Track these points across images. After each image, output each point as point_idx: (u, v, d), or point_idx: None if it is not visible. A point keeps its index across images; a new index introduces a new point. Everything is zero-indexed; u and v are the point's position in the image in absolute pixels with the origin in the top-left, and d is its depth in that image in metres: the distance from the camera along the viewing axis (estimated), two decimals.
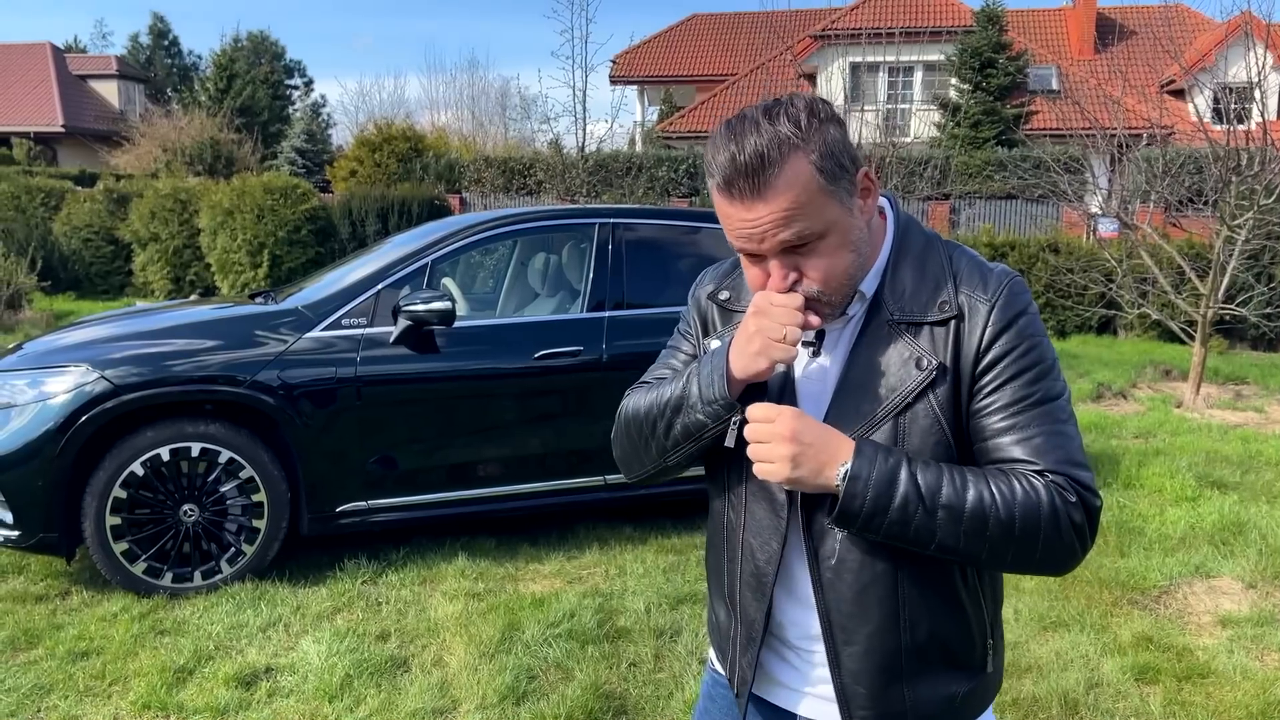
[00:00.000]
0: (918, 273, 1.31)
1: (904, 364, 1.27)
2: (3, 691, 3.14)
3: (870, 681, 1.32)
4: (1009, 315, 1.27)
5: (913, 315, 1.29)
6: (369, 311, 4.29)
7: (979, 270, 1.32)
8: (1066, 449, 1.25)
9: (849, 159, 1.25)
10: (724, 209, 1.25)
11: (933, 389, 1.26)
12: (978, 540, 1.21)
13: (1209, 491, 5.50)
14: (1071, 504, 1.22)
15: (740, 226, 1.23)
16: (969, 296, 1.28)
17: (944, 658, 1.34)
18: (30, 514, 3.79)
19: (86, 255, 14.81)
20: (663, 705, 3.16)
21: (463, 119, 36.21)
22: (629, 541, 4.69)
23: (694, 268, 4.97)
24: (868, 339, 1.30)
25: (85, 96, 32.82)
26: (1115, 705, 3.20)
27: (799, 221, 1.21)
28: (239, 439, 3.99)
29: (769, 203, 1.20)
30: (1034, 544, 1.22)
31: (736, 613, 1.42)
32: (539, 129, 20.45)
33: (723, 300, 1.46)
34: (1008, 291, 1.29)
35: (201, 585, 3.97)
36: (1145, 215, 10.44)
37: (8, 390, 3.93)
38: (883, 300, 1.31)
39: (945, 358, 1.27)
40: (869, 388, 1.28)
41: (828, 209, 1.22)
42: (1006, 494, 1.21)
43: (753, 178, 1.19)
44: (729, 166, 1.20)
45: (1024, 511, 1.20)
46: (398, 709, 3.09)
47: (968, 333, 1.27)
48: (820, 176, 1.21)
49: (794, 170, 1.20)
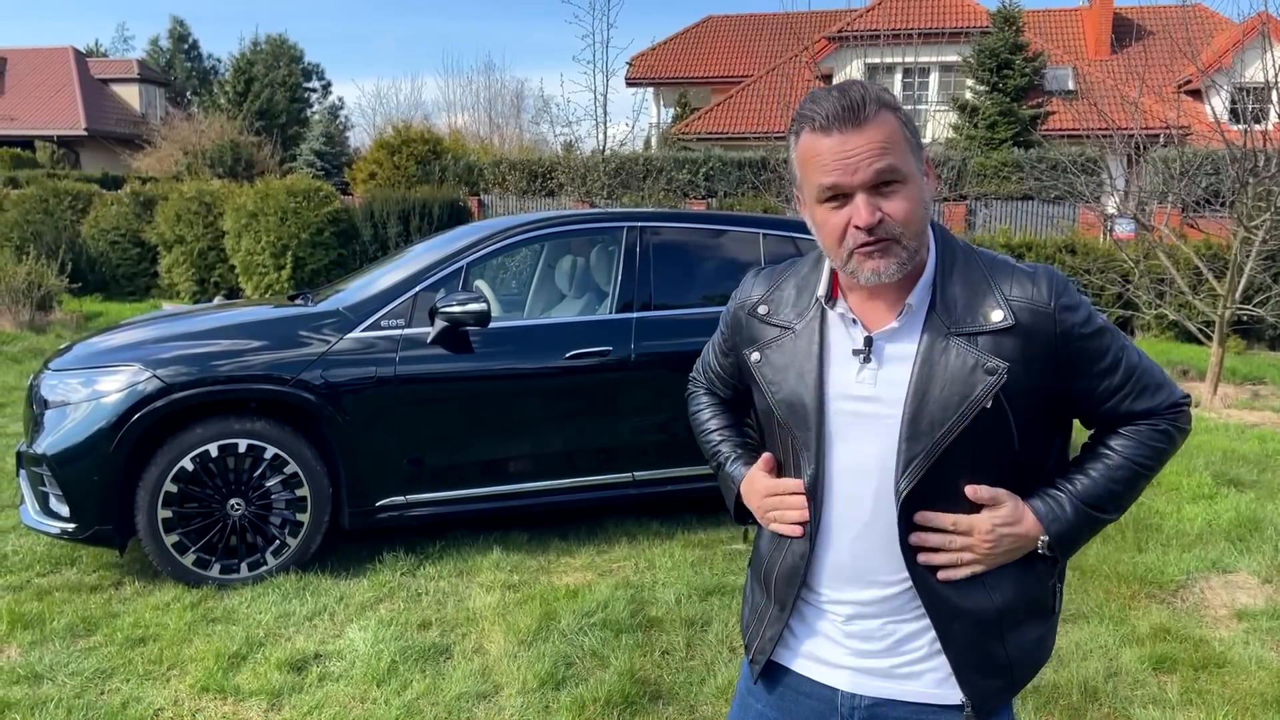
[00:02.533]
0: (966, 283, 1.44)
1: (971, 372, 1.38)
2: (67, 675, 3.30)
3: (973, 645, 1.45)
4: (1068, 305, 1.43)
5: (969, 325, 1.40)
6: (407, 313, 4.44)
7: (1021, 274, 1.45)
8: (1158, 380, 1.50)
9: (920, 138, 1.42)
10: (819, 146, 1.37)
11: (1005, 393, 1.39)
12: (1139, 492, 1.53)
13: (1226, 489, 5.58)
14: (1181, 427, 1.52)
15: (837, 159, 1.35)
16: (1026, 302, 1.41)
17: (1027, 609, 1.49)
18: (86, 507, 3.96)
19: (114, 257, 15.06)
20: (695, 691, 3.29)
21: (479, 120, 36.46)
22: (657, 536, 4.82)
23: (719, 269, 5.11)
24: (932, 353, 1.40)
25: (107, 100, 33.21)
26: (1133, 693, 3.31)
27: (890, 155, 1.35)
28: (284, 436, 4.15)
29: (866, 134, 1.34)
30: (1164, 463, 1.53)
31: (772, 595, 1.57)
32: (560, 132, 20.64)
33: (762, 314, 1.57)
34: (1059, 287, 1.44)
35: (248, 576, 4.12)
36: (1162, 216, 10.49)
37: (63, 389, 4.11)
38: (937, 314, 1.42)
39: (1016, 359, 1.39)
40: (942, 398, 1.38)
41: (909, 160, 1.38)
42: (1149, 458, 1.49)
43: (855, 113, 1.35)
44: (833, 107, 1.35)
45: (1161, 459, 1.51)
46: (443, 693, 3.23)
47: (1039, 339, 1.41)
48: (905, 130, 1.38)
49: (886, 117, 1.37)
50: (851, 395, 1.45)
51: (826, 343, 1.48)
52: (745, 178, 17.26)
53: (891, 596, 1.46)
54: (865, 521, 1.45)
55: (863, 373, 1.44)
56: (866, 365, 1.44)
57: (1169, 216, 10.60)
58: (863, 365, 1.44)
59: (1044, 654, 1.55)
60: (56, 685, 3.24)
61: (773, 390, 1.51)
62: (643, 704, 3.21)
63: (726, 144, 20.85)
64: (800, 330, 1.51)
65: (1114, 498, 1.49)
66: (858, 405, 1.44)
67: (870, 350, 1.43)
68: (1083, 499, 1.46)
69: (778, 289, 1.57)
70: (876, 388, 1.43)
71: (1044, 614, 1.53)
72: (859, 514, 1.46)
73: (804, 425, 1.46)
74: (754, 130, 21.94)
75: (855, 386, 1.45)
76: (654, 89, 30.09)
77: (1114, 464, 1.49)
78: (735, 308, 1.63)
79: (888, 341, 1.44)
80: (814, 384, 1.46)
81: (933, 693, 1.47)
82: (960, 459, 1.40)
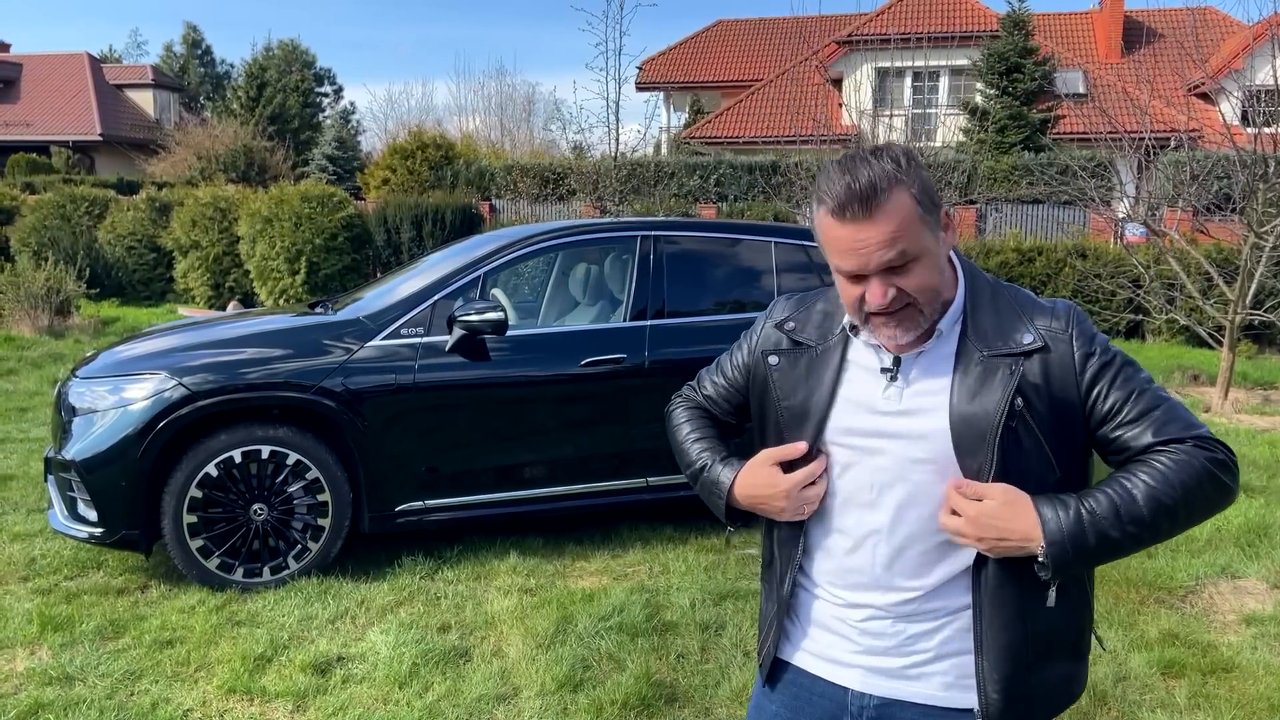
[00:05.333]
0: (993, 313, 1.51)
1: (1002, 395, 1.44)
2: (97, 676, 3.39)
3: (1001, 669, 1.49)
4: (1087, 337, 1.49)
5: (1000, 349, 1.48)
6: (425, 321, 4.52)
7: (1043, 307, 1.53)
8: (1183, 417, 1.48)
9: (937, 198, 1.46)
10: (834, 232, 1.43)
11: (1032, 412, 1.45)
12: (1169, 527, 1.44)
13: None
14: (1216, 459, 1.45)
15: (850, 247, 1.41)
16: (1047, 330, 1.49)
17: (1061, 645, 1.53)
18: (113, 512, 4.05)
19: (130, 262, 15.21)
20: (711, 693, 3.36)
21: (490, 125, 36.61)
22: (670, 541, 4.89)
23: (731, 278, 5.19)
24: (965, 376, 1.47)
25: (122, 105, 33.50)
26: (1142, 697, 3.36)
27: (900, 243, 1.40)
28: (305, 442, 4.23)
29: (877, 225, 1.39)
30: (1201, 503, 1.44)
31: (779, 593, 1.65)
32: (572, 138, 20.71)
33: (789, 330, 1.65)
34: (1077, 318, 1.51)
35: (270, 580, 4.21)
36: (1173, 221, 10.51)
37: (90, 396, 4.20)
38: (969, 339, 1.49)
39: (1039, 381, 1.46)
40: (977, 420, 1.45)
41: (923, 236, 1.43)
42: (1169, 480, 1.42)
43: (866, 202, 1.38)
44: (845, 193, 1.39)
45: (1185, 486, 1.42)
46: (464, 695, 3.31)
47: (1058, 362, 1.47)
48: (918, 207, 1.42)
49: (898, 200, 1.40)
50: (877, 410, 1.51)
51: (846, 362, 1.56)
52: (756, 182, 17.33)
53: (907, 601, 1.52)
54: (885, 530, 1.52)
55: (889, 390, 1.51)
56: (893, 383, 1.51)
57: (1179, 221, 10.62)
58: (889, 383, 1.51)
59: (1071, 695, 1.57)
60: (88, 686, 3.32)
61: (781, 396, 1.59)
62: (659, 706, 3.27)
63: (737, 149, 20.92)
64: (822, 351, 1.59)
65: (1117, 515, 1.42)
66: (882, 421, 1.51)
67: (898, 370, 1.51)
68: (1086, 509, 1.43)
69: (806, 311, 1.66)
70: (903, 403, 1.50)
71: (1074, 653, 1.56)
72: (874, 523, 1.52)
73: (806, 436, 1.55)
74: (763, 135, 21.98)
75: (881, 402, 1.51)
76: (665, 93, 30.17)
77: (1126, 482, 1.44)
78: (763, 322, 1.71)
79: (916, 362, 1.51)
80: (825, 400, 1.54)
81: (940, 695, 1.53)
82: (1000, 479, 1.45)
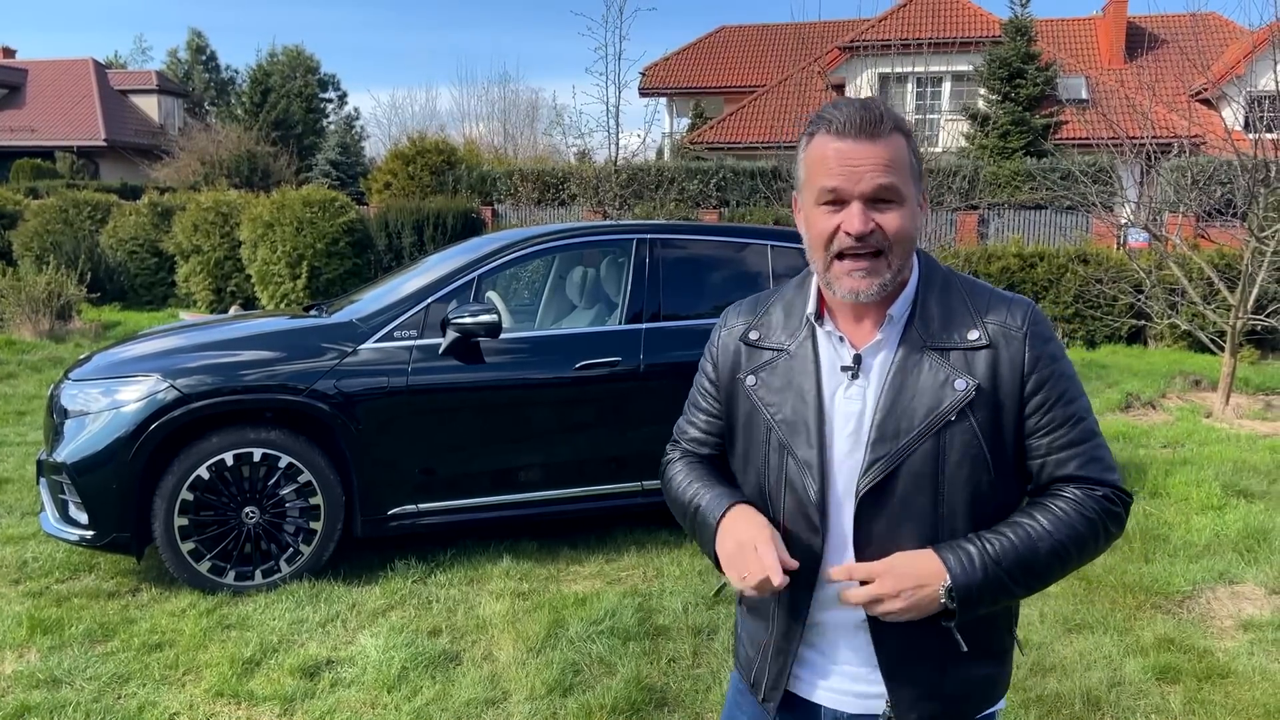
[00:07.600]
0: (944, 303, 1.47)
1: (940, 385, 1.41)
2: (85, 680, 3.37)
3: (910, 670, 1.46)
4: (1041, 342, 1.45)
5: (944, 341, 1.44)
6: (419, 324, 4.51)
7: (999, 300, 1.48)
8: (1105, 459, 1.46)
9: (923, 168, 1.47)
10: (829, 149, 1.41)
11: (972, 409, 1.41)
12: (1054, 576, 1.45)
13: (1235, 500, 5.58)
14: (1115, 513, 1.46)
15: (845, 162, 1.39)
16: (999, 326, 1.44)
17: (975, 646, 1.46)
18: (104, 515, 4.04)
19: (132, 267, 15.23)
20: (701, 698, 3.33)
21: (494, 131, 36.67)
22: (665, 545, 4.87)
23: (726, 281, 5.16)
24: (905, 363, 1.43)
25: (126, 111, 33.59)
26: (1136, 703, 3.33)
27: (893, 174, 1.40)
28: (298, 445, 4.22)
29: (877, 147, 1.39)
30: (1088, 556, 1.46)
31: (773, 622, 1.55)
32: (574, 143, 20.67)
33: (753, 340, 1.57)
34: (1034, 319, 1.46)
35: (262, 583, 4.19)
36: (1174, 226, 10.48)
37: (83, 398, 4.19)
38: (915, 327, 1.45)
39: (984, 381, 1.42)
40: (909, 408, 1.41)
41: (910, 184, 1.43)
42: (1065, 533, 1.42)
43: (872, 126, 1.39)
44: (852, 115, 1.40)
45: (1080, 541, 1.43)
46: (452, 699, 3.29)
47: (1006, 361, 1.43)
48: (912, 159, 1.44)
49: (899, 140, 1.42)
50: (843, 412, 1.47)
51: (820, 361, 1.50)
52: (757, 187, 17.32)
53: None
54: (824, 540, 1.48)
55: (851, 389, 1.47)
56: (855, 381, 1.47)
57: (1181, 226, 10.59)
58: (851, 381, 1.47)
59: (992, 697, 1.53)
60: (75, 689, 3.31)
61: (772, 411, 1.50)
62: (649, 711, 3.25)
63: (738, 154, 20.91)
64: (794, 351, 1.52)
65: (1024, 568, 1.40)
66: (847, 423, 1.46)
67: (859, 367, 1.47)
68: (990, 557, 1.39)
69: (765, 314, 1.59)
70: (863, 403, 1.46)
71: (991, 654, 1.52)
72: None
73: (807, 444, 1.46)
74: (765, 140, 21.98)
75: (844, 403, 1.47)
76: (667, 99, 30.19)
77: (1028, 529, 1.41)
78: (723, 338, 1.62)
79: (873, 356, 1.48)
80: (814, 402, 1.47)
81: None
82: (924, 478, 1.42)
